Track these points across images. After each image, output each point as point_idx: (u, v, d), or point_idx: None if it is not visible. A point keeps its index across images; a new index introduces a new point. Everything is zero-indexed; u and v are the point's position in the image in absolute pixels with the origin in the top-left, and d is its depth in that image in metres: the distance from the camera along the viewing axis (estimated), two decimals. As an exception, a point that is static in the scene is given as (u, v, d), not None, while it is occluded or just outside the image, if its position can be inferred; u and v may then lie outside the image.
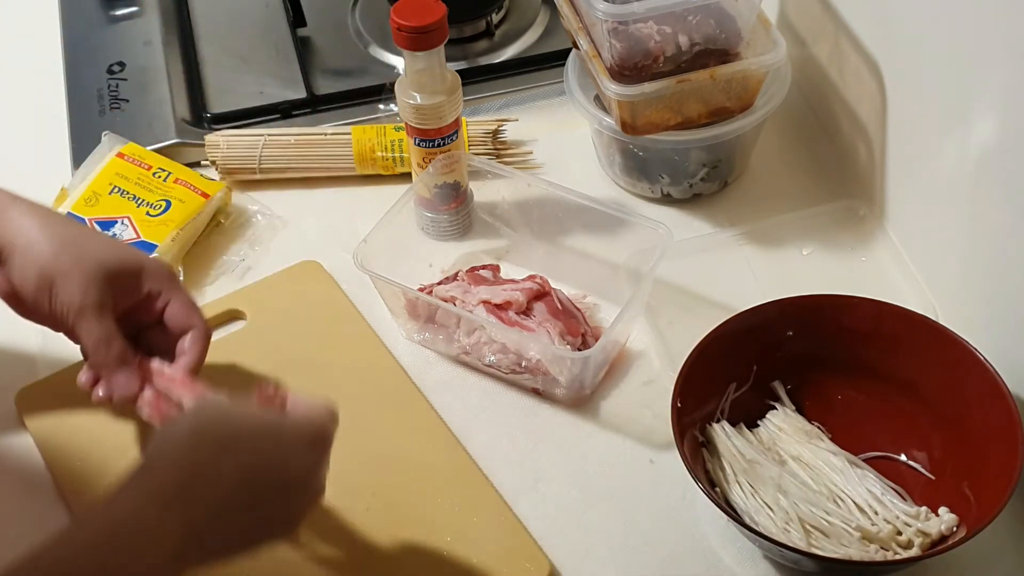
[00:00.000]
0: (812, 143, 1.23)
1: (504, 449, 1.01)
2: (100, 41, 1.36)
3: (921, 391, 0.97)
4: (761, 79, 1.11)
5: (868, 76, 1.11)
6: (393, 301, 1.07)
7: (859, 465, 0.95)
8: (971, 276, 1.02)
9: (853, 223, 1.15)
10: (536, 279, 1.07)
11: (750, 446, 0.95)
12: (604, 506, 0.97)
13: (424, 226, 1.16)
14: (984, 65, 0.94)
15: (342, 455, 0.98)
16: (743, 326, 0.98)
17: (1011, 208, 0.94)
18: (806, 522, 0.91)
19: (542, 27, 1.36)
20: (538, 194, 1.12)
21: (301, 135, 1.22)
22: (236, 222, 1.19)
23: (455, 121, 1.09)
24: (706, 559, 0.94)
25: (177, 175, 1.17)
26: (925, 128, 1.05)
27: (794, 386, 1.01)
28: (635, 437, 1.01)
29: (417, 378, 1.05)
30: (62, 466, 0.99)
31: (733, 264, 1.13)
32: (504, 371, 1.04)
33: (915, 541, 0.90)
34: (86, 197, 1.14)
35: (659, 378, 1.05)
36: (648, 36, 1.06)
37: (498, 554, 0.93)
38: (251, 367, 1.05)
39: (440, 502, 0.96)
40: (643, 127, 1.10)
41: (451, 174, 1.12)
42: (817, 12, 1.18)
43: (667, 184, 1.17)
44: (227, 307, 1.09)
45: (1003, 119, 0.93)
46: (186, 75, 1.32)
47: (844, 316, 0.98)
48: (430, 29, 1.02)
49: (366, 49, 1.35)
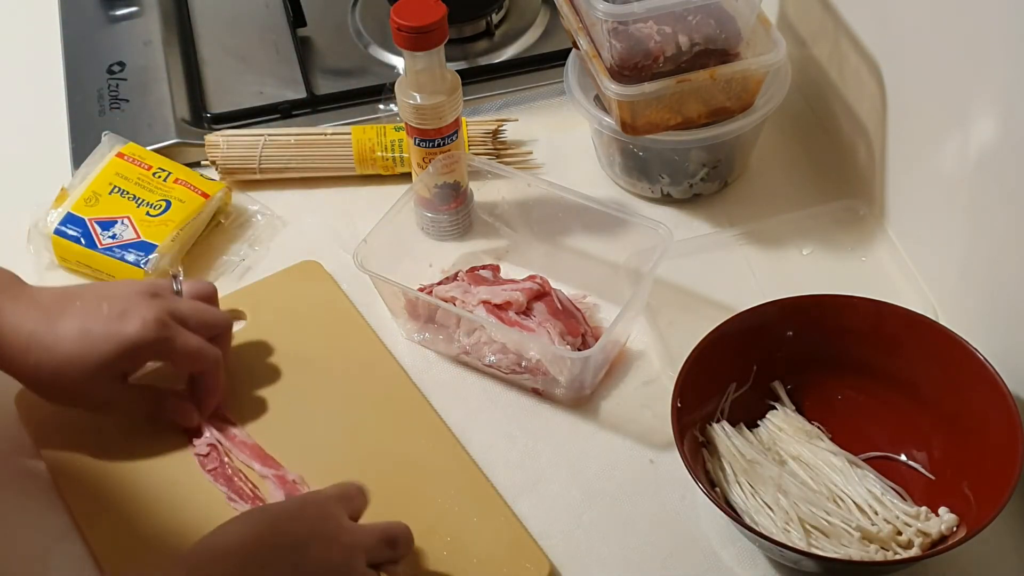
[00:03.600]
0: (812, 143, 1.23)
1: (504, 449, 1.01)
2: (100, 41, 1.36)
3: (921, 391, 0.97)
4: (761, 79, 1.11)
5: (868, 76, 1.11)
6: (393, 301, 1.07)
7: (859, 465, 0.95)
8: (971, 276, 1.02)
9: (853, 223, 1.15)
10: (536, 279, 1.07)
11: (750, 446, 0.95)
12: (604, 506, 0.97)
13: (424, 226, 1.16)
14: (984, 65, 0.94)
15: (342, 455, 0.99)
16: (743, 326, 0.98)
17: (1011, 208, 0.94)
18: (806, 522, 0.91)
19: (542, 27, 1.36)
20: (538, 194, 1.12)
21: (301, 135, 1.22)
22: (236, 222, 1.19)
23: (455, 121, 1.09)
24: (706, 559, 0.94)
25: (177, 175, 1.17)
26: (925, 128, 1.05)
27: (794, 386, 1.01)
28: (635, 437, 1.01)
29: (417, 378, 1.05)
30: (62, 466, 0.99)
31: (733, 264, 1.13)
32: (504, 371, 1.04)
33: (915, 541, 0.90)
34: (86, 197, 1.14)
35: (659, 378, 1.05)
36: (648, 36, 1.06)
37: (498, 554, 0.93)
38: (251, 367, 1.05)
39: (440, 502, 0.96)
40: (643, 127, 1.10)
41: (451, 174, 1.12)
42: (817, 12, 1.18)
43: (667, 184, 1.17)
44: (227, 307, 1.09)
45: (1003, 119, 0.93)
46: (186, 75, 1.32)
47: (844, 316, 0.98)
48: (430, 29, 1.02)
49: (366, 49, 1.35)
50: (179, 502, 0.97)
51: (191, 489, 0.97)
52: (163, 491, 0.97)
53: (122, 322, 0.93)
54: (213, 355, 0.98)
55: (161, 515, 0.96)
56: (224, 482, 0.97)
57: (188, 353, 0.97)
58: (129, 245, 1.11)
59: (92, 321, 0.93)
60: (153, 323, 0.94)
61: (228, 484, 0.97)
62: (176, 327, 0.96)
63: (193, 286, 1.02)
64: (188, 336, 0.96)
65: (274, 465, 0.98)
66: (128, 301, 0.95)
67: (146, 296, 0.96)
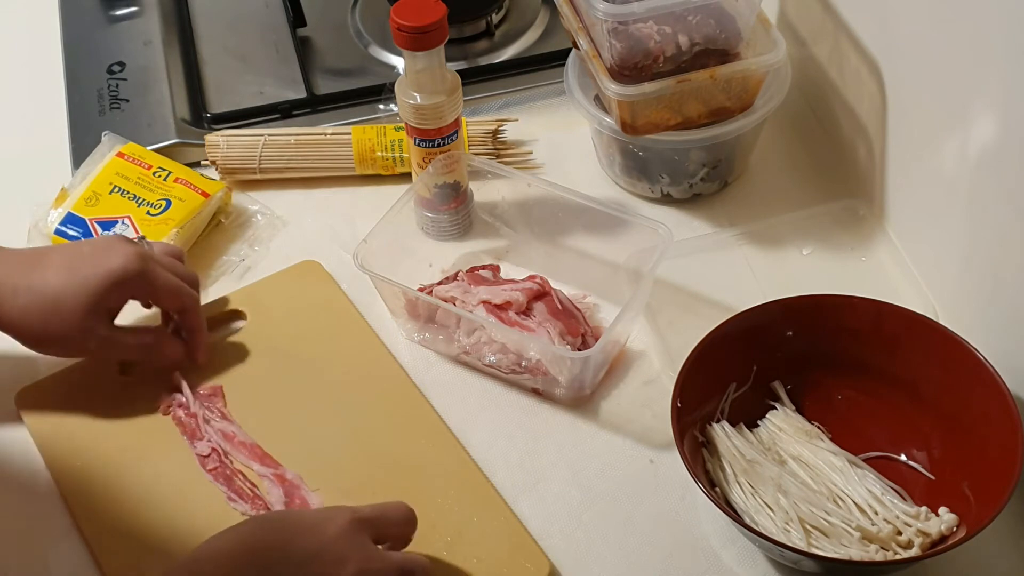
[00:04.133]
0: (812, 143, 1.23)
1: (504, 449, 1.01)
2: (100, 41, 1.36)
3: (921, 391, 0.97)
4: (761, 79, 1.11)
5: (868, 76, 1.11)
6: (393, 301, 1.07)
7: (859, 465, 0.95)
8: (971, 276, 1.02)
9: (853, 223, 1.15)
10: (536, 279, 1.07)
11: (750, 446, 0.95)
12: (604, 506, 0.97)
13: (424, 226, 1.16)
14: (984, 65, 0.94)
15: (342, 455, 0.99)
16: (743, 326, 0.98)
17: (1011, 208, 0.94)
18: (806, 522, 0.91)
19: (542, 27, 1.36)
20: (538, 194, 1.12)
21: (301, 135, 1.22)
22: (236, 222, 1.19)
23: (455, 121, 1.09)
24: (706, 559, 0.94)
25: (177, 174, 1.17)
26: (925, 128, 1.05)
27: (794, 386, 1.01)
28: (635, 437, 1.01)
29: (417, 378, 1.05)
30: (62, 466, 0.99)
31: (733, 264, 1.13)
32: (504, 371, 1.04)
33: (915, 541, 0.90)
34: (86, 197, 1.14)
35: (659, 378, 1.05)
36: (648, 36, 1.06)
37: (498, 554, 0.93)
38: (251, 367, 1.05)
39: (440, 502, 0.96)
40: (643, 127, 1.10)
41: (451, 174, 1.12)
42: (817, 12, 1.18)
43: (667, 184, 1.17)
44: (227, 307, 1.09)
45: (1003, 119, 0.93)
46: (186, 75, 1.32)
47: (844, 316, 0.98)
48: (430, 29, 1.02)
49: (366, 49, 1.35)
50: (179, 502, 0.97)
51: (191, 489, 0.97)
52: (163, 491, 0.98)
53: (107, 257, 0.97)
54: (192, 293, 1.02)
55: (161, 515, 0.96)
56: (224, 482, 0.97)
57: (170, 288, 1.00)
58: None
59: (77, 261, 0.98)
60: (135, 257, 0.98)
61: (228, 484, 0.97)
62: (155, 264, 0.99)
63: (162, 247, 1.06)
64: (167, 273, 1.00)
65: (272, 464, 0.98)
66: (107, 242, 1.00)
67: (123, 240, 1.00)
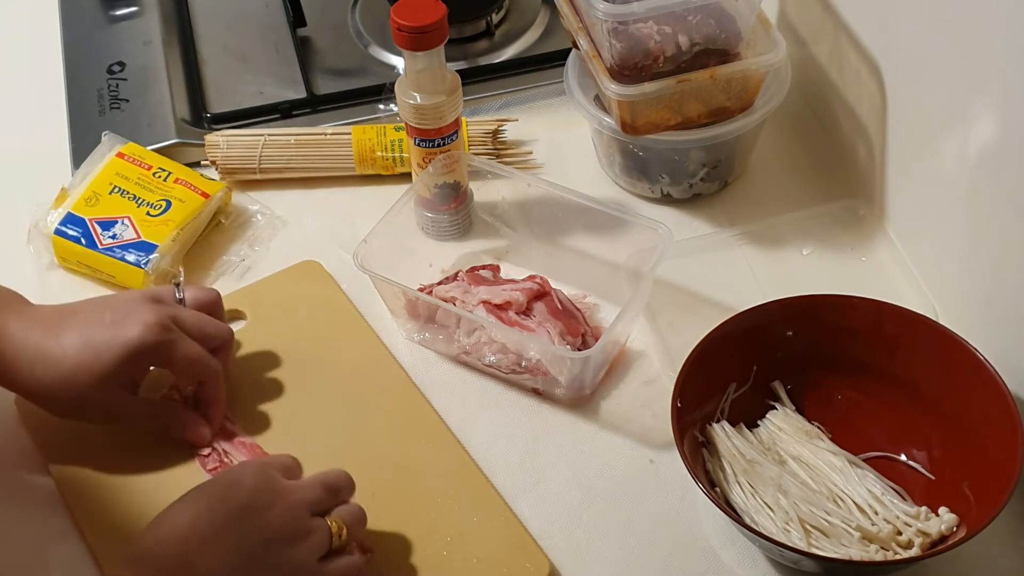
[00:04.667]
0: (812, 143, 1.23)
1: (504, 449, 1.01)
2: (100, 41, 1.36)
3: (921, 391, 0.97)
4: (761, 79, 1.11)
5: (868, 76, 1.11)
6: (393, 301, 1.07)
7: (859, 465, 0.95)
8: (971, 276, 1.02)
9: (853, 223, 1.15)
10: (536, 279, 1.07)
11: (750, 446, 0.95)
12: (604, 506, 0.97)
13: (424, 226, 1.16)
14: (984, 65, 0.94)
15: (342, 455, 0.99)
16: (743, 326, 0.98)
17: (1011, 208, 0.94)
18: (806, 522, 0.91)
19: (542, 27, 1.36)
20: (538, 194, 1.12)
21: (301, 135, 1.22)
22: (236, 222, 1.19)
23: (455, 121, 1.09)
24: (706, 559, 0.94)
25: (177, 175, 1.17)
26: (925, 128, 1.05)
27: (794, 386, 1.01)
28: (635, 437, 1.01)
29: (417, 378, 1.05)
30: (62, 467, 0.99)
31: (733, 264, 1.13)
32: (504, 371, 1.04)
33: (915, 541, 0.90)
34: (86, 197, 1.14)
35: (659, 378, 1.05)
36: (648, 36, 1.06)
37: (498, 554, 0.93)
38: (251, 367, 1.05)
39: (440, 502, 0.96)
40: (643, 127, 1.10)
41: (451, 174, 1.12)
42: (817, 12, 1.18)
43: (667, 184, 1.17)
44: (227, 307, 1.09)
45: (1003, 119, 0.93)
46: (186, 75, 1.32)
47: (844, 316, 0.98)
48: (430, 29, 1.02)
49: (366, 49, 1.35)
50: (179, 502, 0.97)
51: (191, 489, 0.98)
52: (164, 491, 0.97)
53: (124, 327, 0.93)
54: (214, 364, 0.98)
55: (161, 515, 0.96)
56: None
57: (189, 360, 0.96)
58: (129, 245, 1.11)
59: (94, 330, 0.94)
60: (155, 327, 0.94)
61: None
62: (178, 332, 0.96)
63: (196, 293, 1.02)
64: (189, 343, 0.96)
65: None
66: (129, 307, 0.95)
67: (148, 302, 0.96)
